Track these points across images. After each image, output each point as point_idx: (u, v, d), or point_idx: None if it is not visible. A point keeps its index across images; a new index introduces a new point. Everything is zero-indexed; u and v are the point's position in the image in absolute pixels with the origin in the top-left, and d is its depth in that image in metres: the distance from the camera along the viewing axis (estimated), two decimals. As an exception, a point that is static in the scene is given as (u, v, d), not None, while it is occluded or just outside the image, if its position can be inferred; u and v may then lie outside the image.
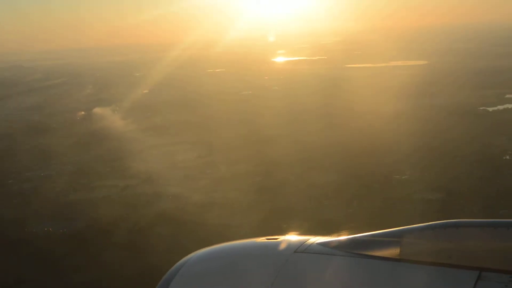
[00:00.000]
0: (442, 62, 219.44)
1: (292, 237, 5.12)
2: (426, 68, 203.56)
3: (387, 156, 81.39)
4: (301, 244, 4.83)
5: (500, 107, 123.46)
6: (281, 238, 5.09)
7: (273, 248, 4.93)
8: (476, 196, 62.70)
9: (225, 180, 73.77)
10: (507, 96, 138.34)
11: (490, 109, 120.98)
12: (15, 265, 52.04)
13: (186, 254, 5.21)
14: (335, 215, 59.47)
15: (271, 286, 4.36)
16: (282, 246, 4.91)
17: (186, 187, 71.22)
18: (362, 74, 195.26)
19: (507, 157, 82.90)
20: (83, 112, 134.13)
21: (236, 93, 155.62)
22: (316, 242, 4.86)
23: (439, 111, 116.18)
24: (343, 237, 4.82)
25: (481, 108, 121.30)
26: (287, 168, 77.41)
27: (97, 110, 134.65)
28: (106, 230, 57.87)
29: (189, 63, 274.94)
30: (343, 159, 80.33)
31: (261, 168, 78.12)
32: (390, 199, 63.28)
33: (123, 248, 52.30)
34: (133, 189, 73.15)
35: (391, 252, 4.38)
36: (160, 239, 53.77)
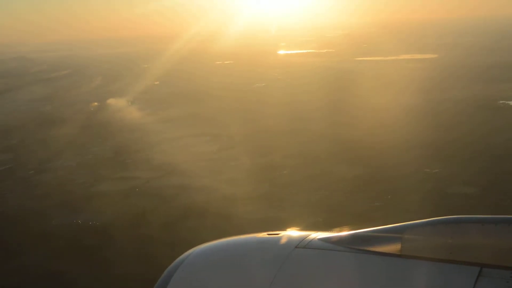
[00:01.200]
0: (451, 56, 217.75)
1: (293, 233, 5.10)
2: (437, 62, 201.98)
3: (412, 149, 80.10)
4: (302, 239, 4.80)
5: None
6: (282, 233, 5.07)
7: (274, 244, 4.91)
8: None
9: (252, 173, 72.34)
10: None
11: (511, 102, 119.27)
12: (46, 258, 50.82)
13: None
14: (369, 209, 58.23)
15: (272, 281, 4.33)
16: (283, 241, 4.89)
17: (212, 179, 69.77)
18: (374, 67, 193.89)
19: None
20: (96, 103, 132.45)
21: (249, 85, 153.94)
22: (317, 237, 4.85)
23: (458, 104, 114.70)
24: (344, 233, 4.80)
25: (500, 101, 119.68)
26: (313, 161, 76.23)
27: (111, 101, 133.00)
28: (136, 223, 56.62)
29: (195, 55, 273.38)
30: (368, 153, 78.97)
31: (286, 161, 76.80)
32: (425, 193, 61.78)
33: (157, 241, 50.98)
34: (157, 181, 71.69)
35: (392, 247, 4.38)
36: (193, 232, 52.25)
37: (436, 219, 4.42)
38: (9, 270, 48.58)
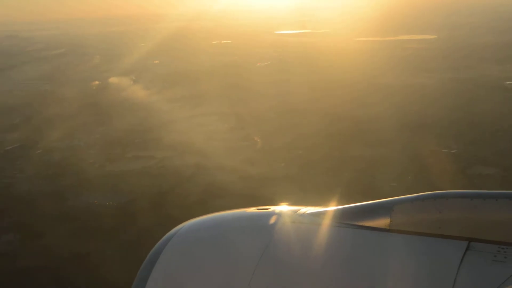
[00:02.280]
0: (451, 36, 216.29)
1: (283, 207, 5.07)
2: (437, 43, 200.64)
3: (427, 129, 79.24)
4: (292, 214, 4.80)
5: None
6: (272, 208, 5.06)
7: (264, 218, 4.88)
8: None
9: (266, 152, 71.19)
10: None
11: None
12: (67, 239, 49.49)
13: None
14: (391, 189, 57.19)
15: (262, 255, 4.34)
16: (273, 216, 4.86)
17: (227, 159, 68.36)
18: (374, 47, 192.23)
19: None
20: (97, 82, 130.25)
21: (251, 64, 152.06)
22: (307, 212, 4.84)
23: (466, 85, 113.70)
24: (334, 208, 4.76)
25: (507, 82, 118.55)
26: (327, 141, 75.03)
27: (113, 80, 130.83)
28: (156, 203, 55.27)
29: (190, 34, 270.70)
30: (382, 132, 77.81)
31: (300, 141, 75.48)
32: (446, 174, 60.80)
33: (182, 222, 49.62)
34: (171, 160, 70.22)
35: (381, 222, 4.40)
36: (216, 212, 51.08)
37: (425, 194, 4.45)
38: (33, 252, 47.34)
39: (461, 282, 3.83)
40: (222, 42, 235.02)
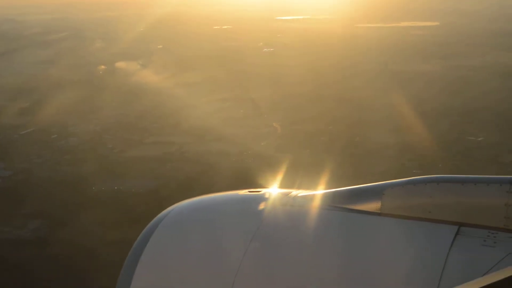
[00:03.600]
0: (454, 23, 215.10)
1: (275, 190, 5.10)
2: (440, 29, 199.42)
3: (448, 116, 78.55)
4: (283, 197, 4.81)
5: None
6: (264, 190, 5.04)
7: (255, 201, 4.87)
8: None
9: (288, 139, 70.09)
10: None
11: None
12: (96, 226, 48.37)
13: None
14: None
15: (253, 238, 4.35)
16: (264, 199, 4.86)
17: (250, 145, 67.17)
18: (378, 34, 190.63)
19: None
20: (103, 67, 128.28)
21: (257, 49, 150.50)
22: (298, 195, 4.85)
23: (478, 72, 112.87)
24: (325, 191, 4.77)
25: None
26: (347, 128, 74.19)
27: (120, 64, 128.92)
28: (184, 190, 53.79)
29: (189, 19, 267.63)
30: (402, 119, 77.07)
31: (321, 127, 74.53)
32: (477, 162, 60.12)
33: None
34: (192, 146, 69.03)
35: (372, 206, 4.39)
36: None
37: (416, 178, 4.35)
38: (62, 239, 46.20)
39: (451, 266, 3.82)
40: (223, 27, 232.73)
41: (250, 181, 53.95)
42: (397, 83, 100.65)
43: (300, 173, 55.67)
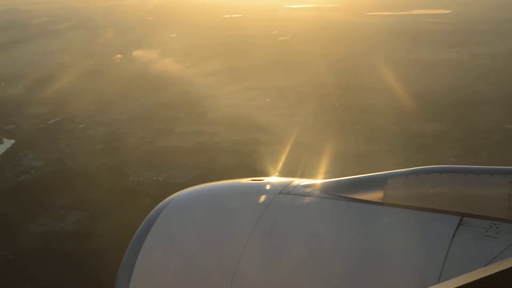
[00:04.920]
0: (466, 11, 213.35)
1: (277, 179, 5.11)
2: (455, 17, 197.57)
3: (481, 104, 76.93)
4: (286, 185, 4.81)
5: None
6: (266, 179, 5.07)
7: (257, 189, 4.90)
8: None
9: (321, 128, 68.61)
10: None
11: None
12: (139, 218, 46.37)
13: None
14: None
15: (255, 226, 4.38)
16: (267, 187, 4.89)
17: (284, 134, 65.28)
18: (390, 22, 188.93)
19: None
20: (119, 55, 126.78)
21: (273, 38, 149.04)
22: (300, 184, 4.86)
23: (501, 60, 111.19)
24: (327, 180, 4.79)
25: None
26: (380, 117, 72.65)
27: (138, 53, 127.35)
28: (224, 178, 52.50)
29: (197, 7, 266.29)
30: (438, 107, 75.89)
31: (352, 117, 73.15)
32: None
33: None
34: (224, 135, 67.68)
35: (375, 195, 4.40)
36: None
37: (419, 168, 4.37)
38: (105, 231, 44.90)
39: (453, 257, 3.81)
40: (233, 16, 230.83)
41: (294, 171, 52.59)
42: (424, 71, 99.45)
43: (339, 161, 54.46)
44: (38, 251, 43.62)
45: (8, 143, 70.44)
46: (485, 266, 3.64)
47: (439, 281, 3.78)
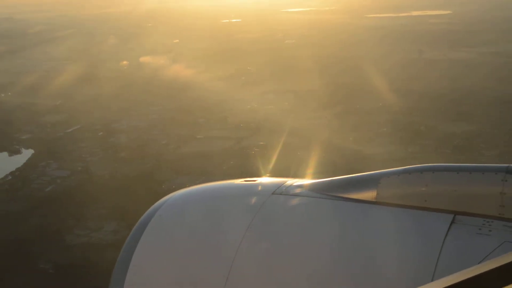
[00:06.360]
0: (466, 11, 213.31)
1: (270, 179, 5.10)
2: (456, 17, 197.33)
3: (505, 104, 75.85)
4: (279, 186, 4.79)
5: None
6: (259, 180, 5.07)
7: (251, 190, 4.89)
8: None
9: (348, 130, 67.42)
10: None
11: None
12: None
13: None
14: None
15: (249, 226, 4.39)
16: (260, 187, 4.89)
17: (312, 138, 64.08)
18: (391, 24, 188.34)
19: None
20: (126, 62, 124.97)
21: (279, 42, 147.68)
22: (294, 184, 4.85)
23: (509, 57, 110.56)
24: (321, 180, 4.79)
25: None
26: (406, 117, 71.76)
27: (145, 59, 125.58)
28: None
29: (194, 12, 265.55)
30: (462, 107, 74.91)
31: (378, 118, 72.02)
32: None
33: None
34: (251, 141, 66.19)
35: (368, 195, 4.40)
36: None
37: (411, 167, 4.39)
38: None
39: (446, 255, 3.83)
40: (232, 21, 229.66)
41: (337, 172, 51.15)
42: (438, 71, 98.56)
43: (383, 165, 53.03)
44: (78, 264, 42.01)
45: (27, 153, 68.60)
46: (478, 263, 3.59)
47: (432, 279, 3.73)
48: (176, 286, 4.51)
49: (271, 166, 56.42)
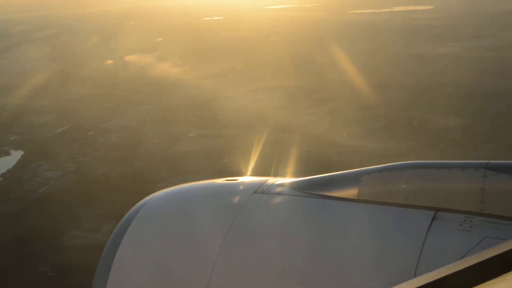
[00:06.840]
0: (448, 6, 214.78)
1: (251, 178, 5.15)
2: (439, 12, 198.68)
3: (497, 97, 76.39)
4: (260, 185, 4.81)
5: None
6: (241, 179, 5.11)
7: (232, 189, 4.93)
8: None
9: (341, 126, 67.45)
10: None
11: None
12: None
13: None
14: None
15: (231, 226, 4.40)
16: (242, 187, 4.92)
17: (304, 134, 64.14)
18: (376, 19, 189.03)
19: None
20: (110, 61, 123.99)
21: (264, 38, 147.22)
22: (275, 182, 4.87)
23: (498, 53, 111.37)
24: (302, 178, 4.83)
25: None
26: (400, 112, 71.94)
27: (130, 58, 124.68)
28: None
29: (175, 11, 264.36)
30: (453, 101, 74.96)
31: (372, 113, 72.00)
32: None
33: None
34: (243, 138, 65.67)
35: (349, 192, 4.43)
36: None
37: (392, 165, 4.43)
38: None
39: (428, 251, 3.86)
40: (214, 18, 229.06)
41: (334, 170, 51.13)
42: (425, 66, 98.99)
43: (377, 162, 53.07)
44: (78, 266, 41.48)
45: (16, 154, 67.85)
46: (460, 259, 3.62)
47: (415, 275, 3.75)
48: (158, 286, 4.53)
49: (265, 164, 56.08)
